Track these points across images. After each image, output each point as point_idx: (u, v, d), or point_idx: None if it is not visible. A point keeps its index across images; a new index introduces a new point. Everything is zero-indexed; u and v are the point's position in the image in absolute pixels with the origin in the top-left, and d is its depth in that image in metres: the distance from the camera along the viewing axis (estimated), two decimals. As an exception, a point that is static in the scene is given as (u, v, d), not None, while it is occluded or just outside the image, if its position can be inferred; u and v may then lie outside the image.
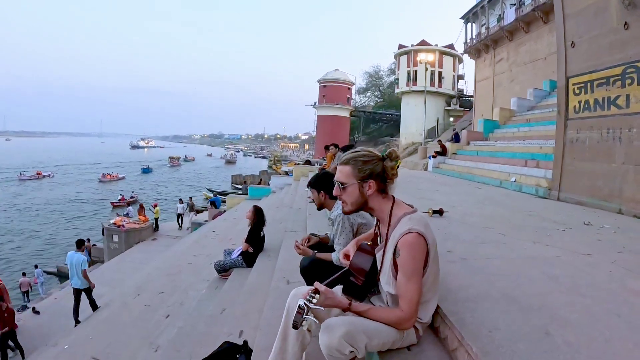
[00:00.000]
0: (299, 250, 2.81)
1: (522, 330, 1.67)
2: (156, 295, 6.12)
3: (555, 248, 3.22)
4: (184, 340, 3.45)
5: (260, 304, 3.14)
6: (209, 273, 5.67)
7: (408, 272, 1.55)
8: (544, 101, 14.09)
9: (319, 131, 51.64)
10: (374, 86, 58.81)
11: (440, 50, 39.12)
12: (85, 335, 5.89)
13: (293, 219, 6.39)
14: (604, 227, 4.35)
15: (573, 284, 2.33)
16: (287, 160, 64.42)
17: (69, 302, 8.10)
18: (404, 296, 1.57)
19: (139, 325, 5.14)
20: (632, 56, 5.46)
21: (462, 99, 40.52)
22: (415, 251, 1.55)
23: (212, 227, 12.26)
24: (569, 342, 1.57)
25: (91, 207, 33.09)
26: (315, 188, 2.92)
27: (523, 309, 1.89)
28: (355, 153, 1.69)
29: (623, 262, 2.84)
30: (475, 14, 26.96)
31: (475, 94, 27.99)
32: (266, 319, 2.60)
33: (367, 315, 1.60)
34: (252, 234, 5.16)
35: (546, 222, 4.57)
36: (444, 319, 1.80)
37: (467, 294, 2.06)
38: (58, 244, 22.47)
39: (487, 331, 1.64)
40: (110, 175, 50.53)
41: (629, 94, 5.52)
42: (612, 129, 5.81)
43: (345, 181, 1.67)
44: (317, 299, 1.50)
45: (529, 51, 20.63)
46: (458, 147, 14.35)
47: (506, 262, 2.75)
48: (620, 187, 5.62)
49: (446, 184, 9.44)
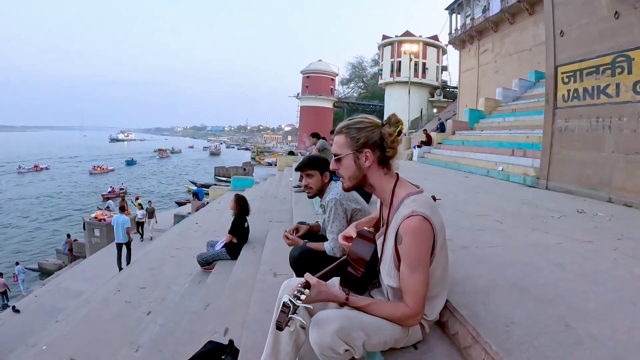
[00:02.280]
0: (288, 240, 2.52)
1: (540, 323, 1.52)
2: (137, 291, 5.87)
3: (554, 235, 3.12)
4: (166, 339, 3.24)
5: (246, 299, 2.95)
6: (192, 266, 5.46)
7: (412, 261, 1.34)
8: (529, 91, 14.16)
9: (302, 122, 51.26)
10: (358, 77, 58.72)
11: (425, 41, 39.18)
12: (64, 334, 5.63)
13: (278, 208, 6.24)
14: (597, 215, 4.30)
15: (581, 271, 2.22)
16: (270, 151, 64.32)
17: (50, 299, 8.86)
18: (409, 289, 1.37)
19: (119, 323, 4.90)
20: (623, 45, 5.40)
21: (446, 90, 40.75)
22: (420, 237, 1.33)
23: (195, 219, 11.97)
24: (591, 334, 1.44)
25: (83, 200, 32.98)
26: (319, 169, 2.48)
27: (537, 299, 1.74)
28: (350, 120, 1.50)
29: (625, 249, 2.76)
30: (460, 5, 26.99)
31: (460, 85, 28.13)
32: (253, 315, 2.42)
33: (368, 310, 1.40)
34: (236, 224, 4.95)
35: (540, 209, 4.50)
36: (454, 313, 1.63)
37: (475, 284, 1.90)
38: (42, 239, 21.92)
39: (504, 326, 1.48)
40: (100, 168, 51.41)
41: (619, 83, 5.47)
42: (602, 118, 5.77)
43: (339, 152, 1.49)
44: (306, 294, 1.27)
45: (514, 42, 20.74)
46: (443, 136, 14.30)
47: (509, 250, 2.62)
48: (610, 175, 5.59)
49: (433, 172, 9.36)
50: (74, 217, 26.56)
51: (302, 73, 51.20)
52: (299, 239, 2.52)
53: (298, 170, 2.57)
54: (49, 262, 16.78)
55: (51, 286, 11.07)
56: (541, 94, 12.03)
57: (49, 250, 19.43)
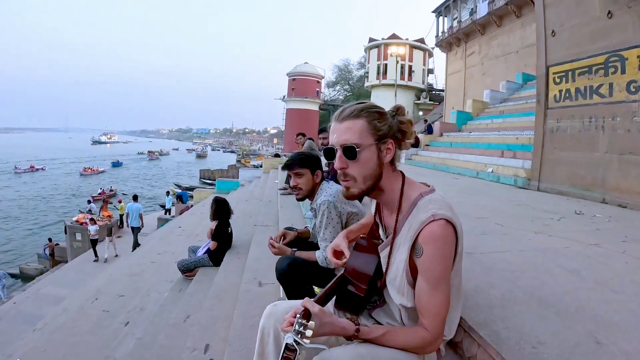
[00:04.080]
0: (274, 249, 2.23)
1: (570, 341, 1.33)
2: (116, 299, 5.57)
3: (559, 238, 2.96)
4: (143, 354, 2.96)
5: (228, 311, 2.70)
6: (173, 273, 5.17)
7: (434, 277, 1.08)
8: (517, 93, 14.17)
9: (288, 125, 50.84)
10: (344, 80, 58.56)
11: (411, 44, 39.27)
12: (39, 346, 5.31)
13: (264, 211, 6.04)
14: (595, 216, 4.19)
15: (597, 278, 2.05)
16: (255, 154, 64.00)
17: (29, 306, 9.07)
18: (429, 311, 1.10)
19: (96, 334, 4.60)
20: (616, 45, 5.34)
21: (432, 92, 40.92)
22: (445, 247, 1.08)
23: (178, 222, 11.64)
24: (625, 351, 1.27)
25: (76, 201, 32.19)
26: (308, 167, 2.20)
27: (560, 312, 1.55)
28: (362, 104, 1.18)
29: (633, 252, 2.64)
30: (448, 8, 27.09)
31: (447, 87, 28.21)
32: (236, 330, 2.18)
33: (383, 341, 1.13)
34: (219, 229, 4.67)
35: (537, 211, 4.38)
36: (470, 332, 1.41)
37: (490, 297, 1.68)
38: (26, 243, 21.06)
39: (531, 347, 1.27)
40: (90, 169, 51.18)
41: (612, 83, 5.41)
42: (595, 118, 5.69)
43: (360, 141, 1.13)
44: (310, 327, 0.99)
45: (501, 45, 20.84)
46: (431, 138, 14.18)
47: (517, 256, 2.42)
48: (604, 176, 5.50)
49: (423, 174, 9.22)
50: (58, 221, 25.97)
51: (288, 75, 50.89)
52: (286, 248, 2.24)
53: (286, 169, 2.30)
54: (30, 267, 16.21)
55: (31, 292, 10.65)
56: (529, 95, 12.06)
57: (31, 252, 18.78)
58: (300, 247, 2.28)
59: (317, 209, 2.11)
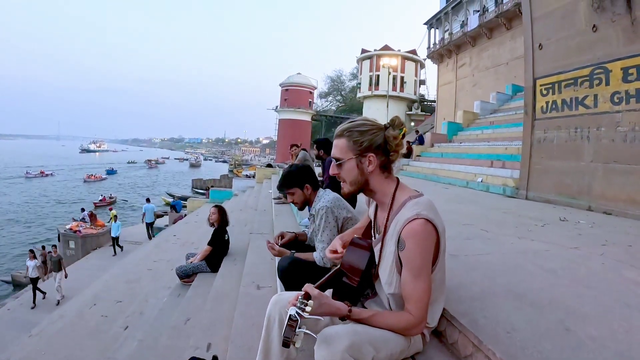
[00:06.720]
0: (274, 251, 2.43)
1: (541, 327, 1.49)
2: (114, 305, 5.65)
3: (541, 242, 3.12)
4: (146, 355, 3.07)
5: (228, 312, 2.83)
6: (170, 279, 5.28)
7: (415, 267, 1.27)
8: (507, 104, 14.44)
9: (281, 135, 50.94)
10: (336, 90, 58.91)
11: (403, 56, 39.79)
12: (37, 350, 5.34)
13: (259, 220, 6.15)
14: (579, 223, 4.34)
15: (572, 276, 2.22)
16: (248, 164, 64.16)
17: (22, 313, 9.24)
18: (412, 297, 1.29)
19: (95, 338, 4.68)
20: (601, 57, 5.51)
21: (424, 103, 41.39)
22: (424, 242, 1.27)
23: (172, 231, 11.70)
24: (592, 336, 1.43)
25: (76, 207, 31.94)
26: (298, 185, 2.43)
27: (534, 304, 1.71)
28: (352, 123, 1.44)
29: (611, 254, 2.79)
30: (439, 20, 27.59)
31: (438, 98, 28.61)
32: (237, 329, 2.30)
33: (372, 322, 1.32)
34: (217, 235, 4.81)
35: (523, 218, 4.52)
36: (452, 321, 1.57)
37: (471, 291, 1.85)
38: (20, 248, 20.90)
39: (505, 332, 1.43)
40: (94, 176, 54.06)
41: (597, 94, 5.57)
42: (580, 128, 5.86)
43: (341, 156, 1.41)
44: (310, 305, 1.18)
45: (492, 56, 21.27)
46: (422, 149, 14.36)
47: (499, 257, 2.59)
48: (589, 184, 5.66)
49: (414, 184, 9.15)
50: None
51: (281, 86, 51.15)
52: (285, 250, 2.43)
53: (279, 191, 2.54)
54: (22, 274, 16.10)
55: (24, 299, 10.59)
56: (518, 106, 12.31)
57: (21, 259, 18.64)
58: (298, 248, 2.45)
59: (316, 214, 2.30)
